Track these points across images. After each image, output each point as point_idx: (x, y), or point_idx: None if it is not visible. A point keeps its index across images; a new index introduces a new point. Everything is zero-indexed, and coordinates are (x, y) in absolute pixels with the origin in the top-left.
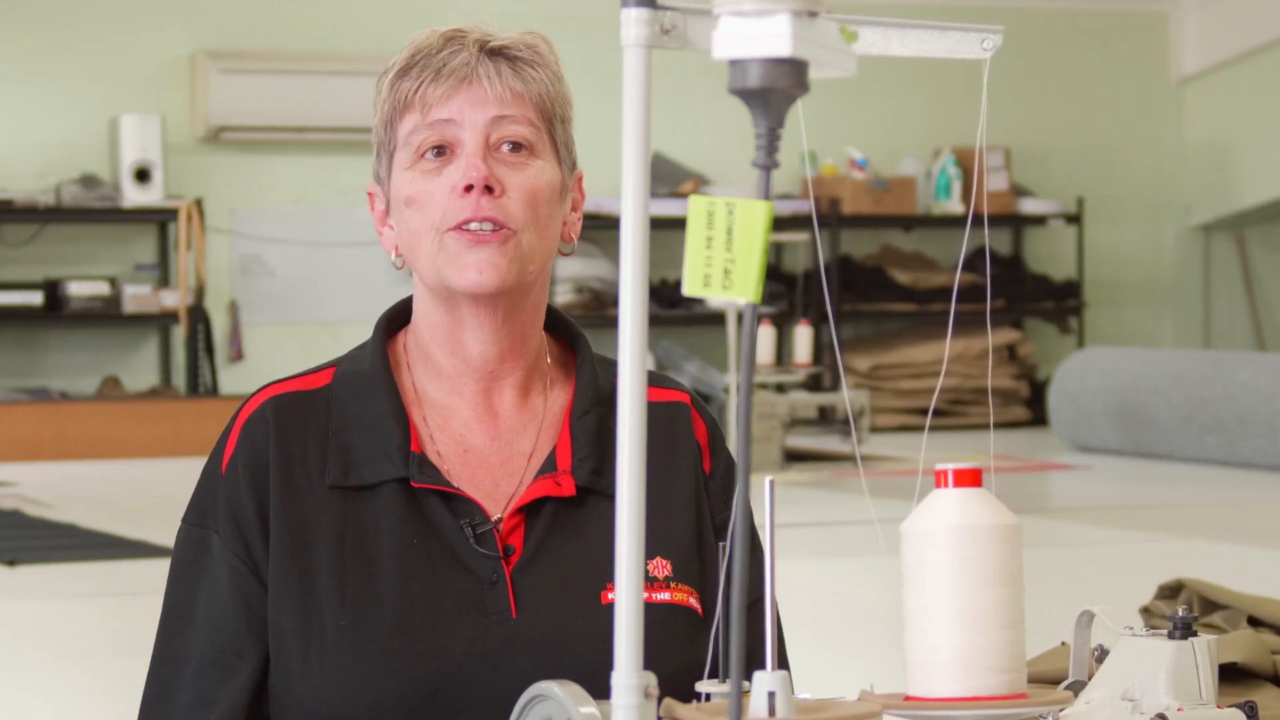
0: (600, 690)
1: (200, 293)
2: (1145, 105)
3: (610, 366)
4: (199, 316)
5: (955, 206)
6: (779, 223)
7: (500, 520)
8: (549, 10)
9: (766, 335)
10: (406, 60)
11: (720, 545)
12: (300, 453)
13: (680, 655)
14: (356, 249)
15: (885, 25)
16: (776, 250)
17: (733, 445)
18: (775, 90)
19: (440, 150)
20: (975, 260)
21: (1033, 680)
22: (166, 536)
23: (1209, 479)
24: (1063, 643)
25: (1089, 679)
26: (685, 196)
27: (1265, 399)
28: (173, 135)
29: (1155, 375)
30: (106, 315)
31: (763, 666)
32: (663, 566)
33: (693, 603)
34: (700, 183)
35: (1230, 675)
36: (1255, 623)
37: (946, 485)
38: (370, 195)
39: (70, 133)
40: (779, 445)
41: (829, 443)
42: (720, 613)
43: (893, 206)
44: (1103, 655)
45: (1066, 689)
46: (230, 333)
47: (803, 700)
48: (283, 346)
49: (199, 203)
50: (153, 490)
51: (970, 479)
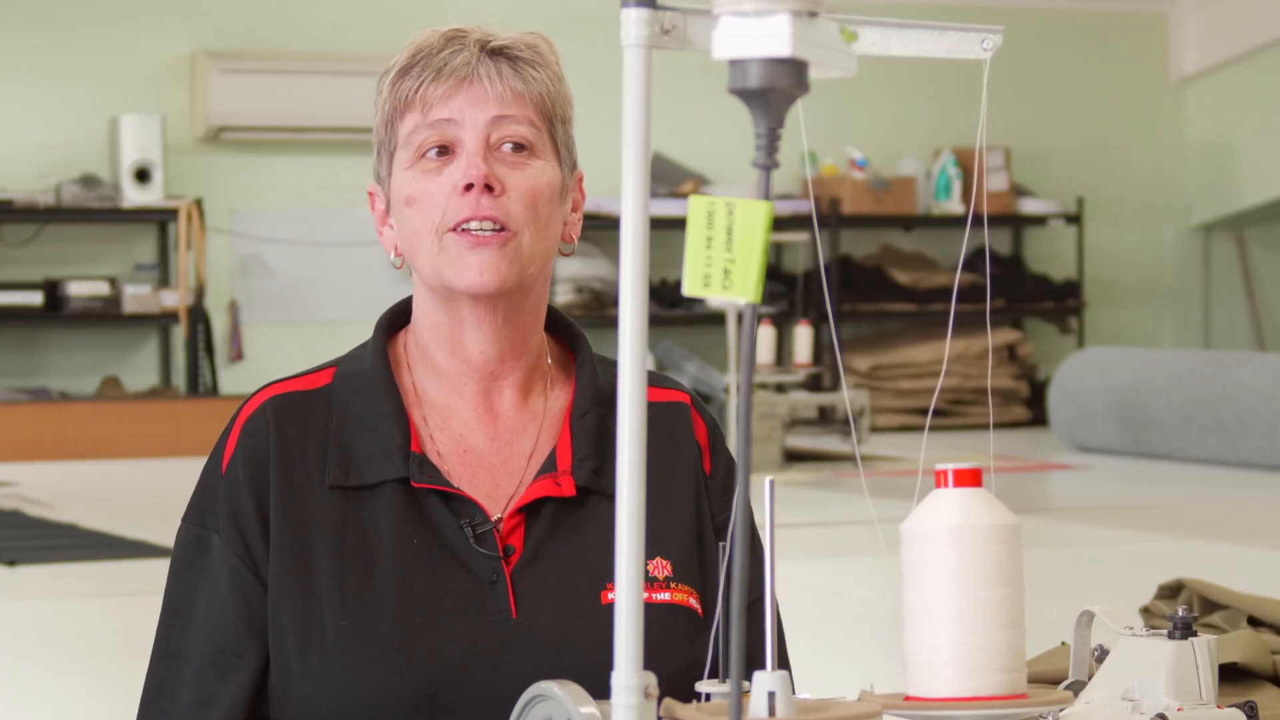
0: (600, 690)
1: (200, 293)
2: (1145, 105)
3: (610, 366)
4: (199, 316)
5: (955, 206)
6: (779, 223)
7: (500, 520)
8: (549, 10)
9: (766, 335)
10: (407, 60)
11: (720, 545)
12: (300, 452)
13: (680, 655)
14: (356, 249)
15: (885, 25)
16: (776, 250)
17: (733, 445)
18: (775, 90)
19: (441, 150)
20: (975, 260)
21: (1033, 680)
22: (166, 536)
23: (1209, 479)
24: (1063, 643)
25: (1089, 679)
26: (685, 196)
27: (1265, 399)
28: (173, 135)
29: (1155, 375)
30: (106, 315)
31: (763, 666)
32: (663, 567)
33: (693, 603)
34: (700, 183)
35: (1230, 675)
36: (1255, 623)
37: (946, 485)
38: (370, 195)
39: (70, 133)
40: (779, 445)
41: (829, 443)
42: (720, 613)
43: (893, 206)
44: (1103, 655)
45: (1066, 689)
46: (230, 333)
47: (803, 700)
48: (283, 346)
49: (199, 203)
50: (153, 490)
51: (970, 479)
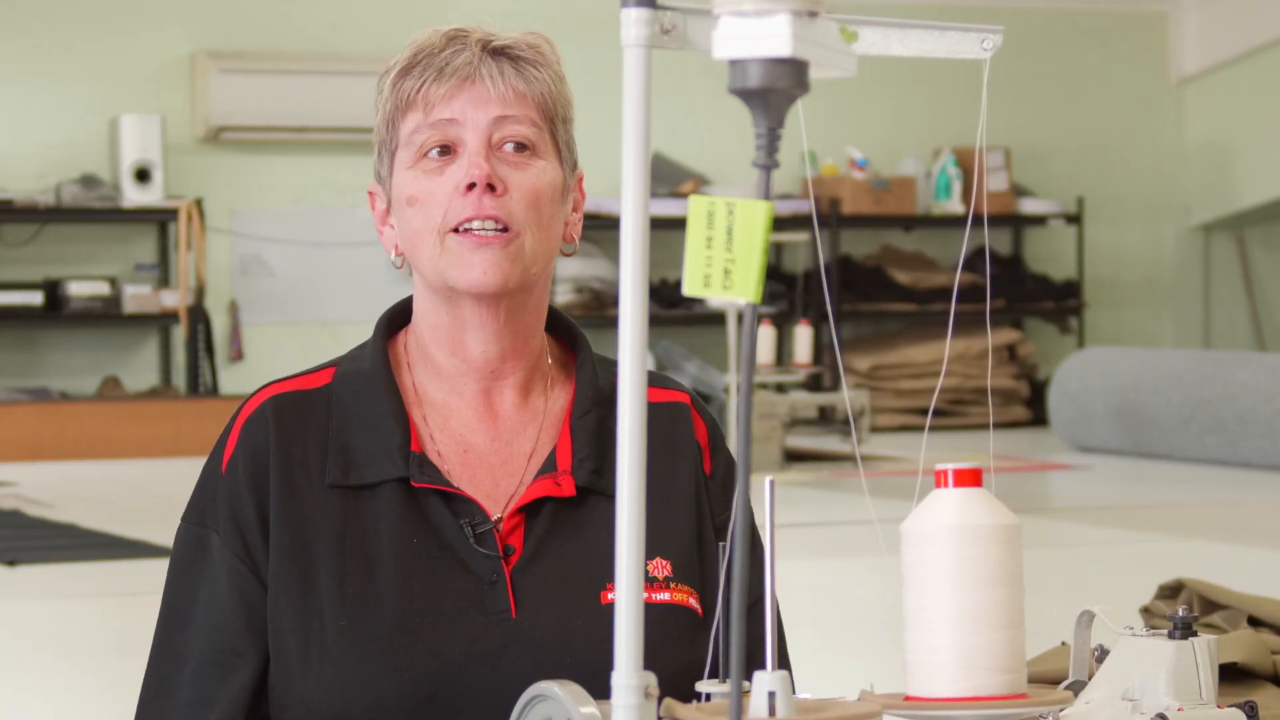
0: (600, 690)
1: (200, 293)
2: (1145, 105)
3: (610, 366)
4: (199, 316)
5: (955, 206)
6: (779, 223)
7: (500, 520)
8: (549, 10)
9: (766, 335)
10: (409, 59)
11: (720, 545)
12: (300, 452)
13: (680, 655)
14: (356, 249)
15: (885, 25)
16: (776, 250)
17: (733, 445)
18: (775, 90)
19: (443, 150)
20: (975, 260)
21: (1033, 680)
22: (166, 536)
23: (1209, 479)
24: (1063, 643)
25: (1089, 679)
26: (685, 196)
27: (1265, 399)
28: (173, 135)
29: (1155, 375)
30: (106, 315)
31: (763, 666)
32: (663, 567)
33: (692, 603)
34: (700, 183)
35: (1230, 675)
36: (1255, 623)
37: (946, 485)
38: (371, 194)
39: (70, 133)
40: (779, 445)
41: (829, 443)
42: (720, 613)
43: (893, 206)
44: (1103, 655)
45: (1066, 689)
46: (230, 333)
47: (803, 700)
48: (283, 346)
49: (199, 203)
50: (153, 490)
51: (970, 479)
